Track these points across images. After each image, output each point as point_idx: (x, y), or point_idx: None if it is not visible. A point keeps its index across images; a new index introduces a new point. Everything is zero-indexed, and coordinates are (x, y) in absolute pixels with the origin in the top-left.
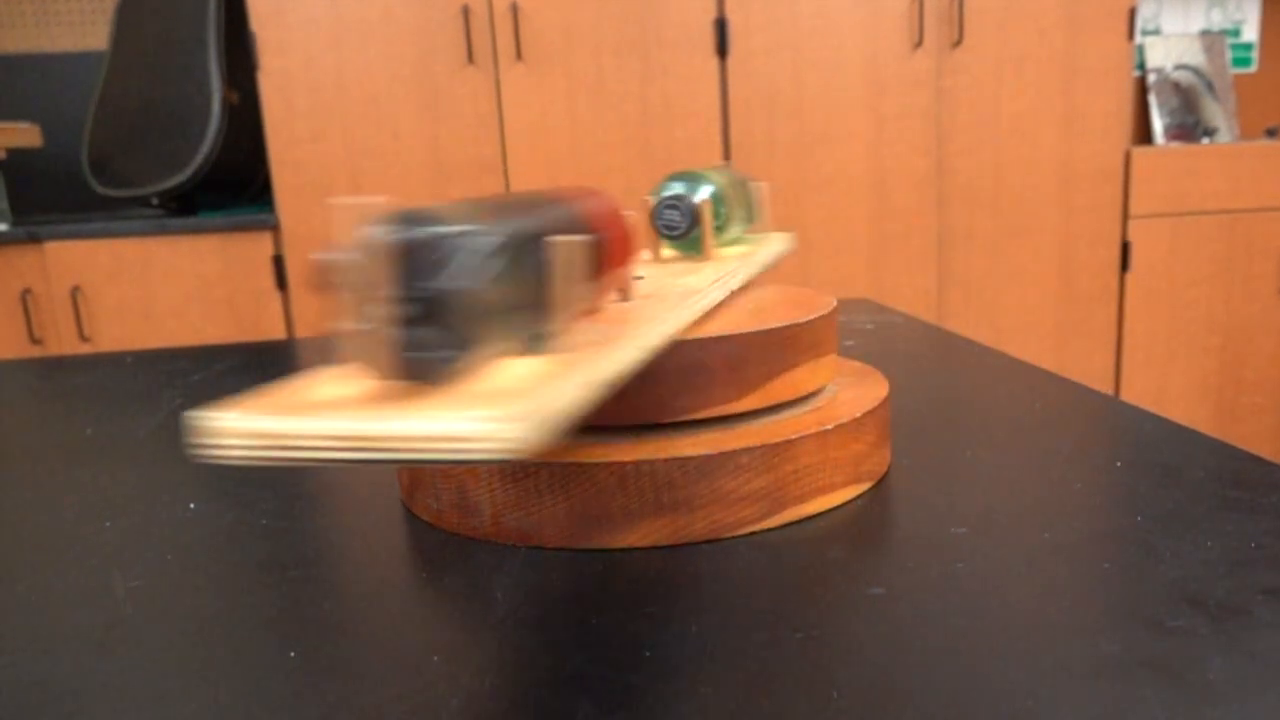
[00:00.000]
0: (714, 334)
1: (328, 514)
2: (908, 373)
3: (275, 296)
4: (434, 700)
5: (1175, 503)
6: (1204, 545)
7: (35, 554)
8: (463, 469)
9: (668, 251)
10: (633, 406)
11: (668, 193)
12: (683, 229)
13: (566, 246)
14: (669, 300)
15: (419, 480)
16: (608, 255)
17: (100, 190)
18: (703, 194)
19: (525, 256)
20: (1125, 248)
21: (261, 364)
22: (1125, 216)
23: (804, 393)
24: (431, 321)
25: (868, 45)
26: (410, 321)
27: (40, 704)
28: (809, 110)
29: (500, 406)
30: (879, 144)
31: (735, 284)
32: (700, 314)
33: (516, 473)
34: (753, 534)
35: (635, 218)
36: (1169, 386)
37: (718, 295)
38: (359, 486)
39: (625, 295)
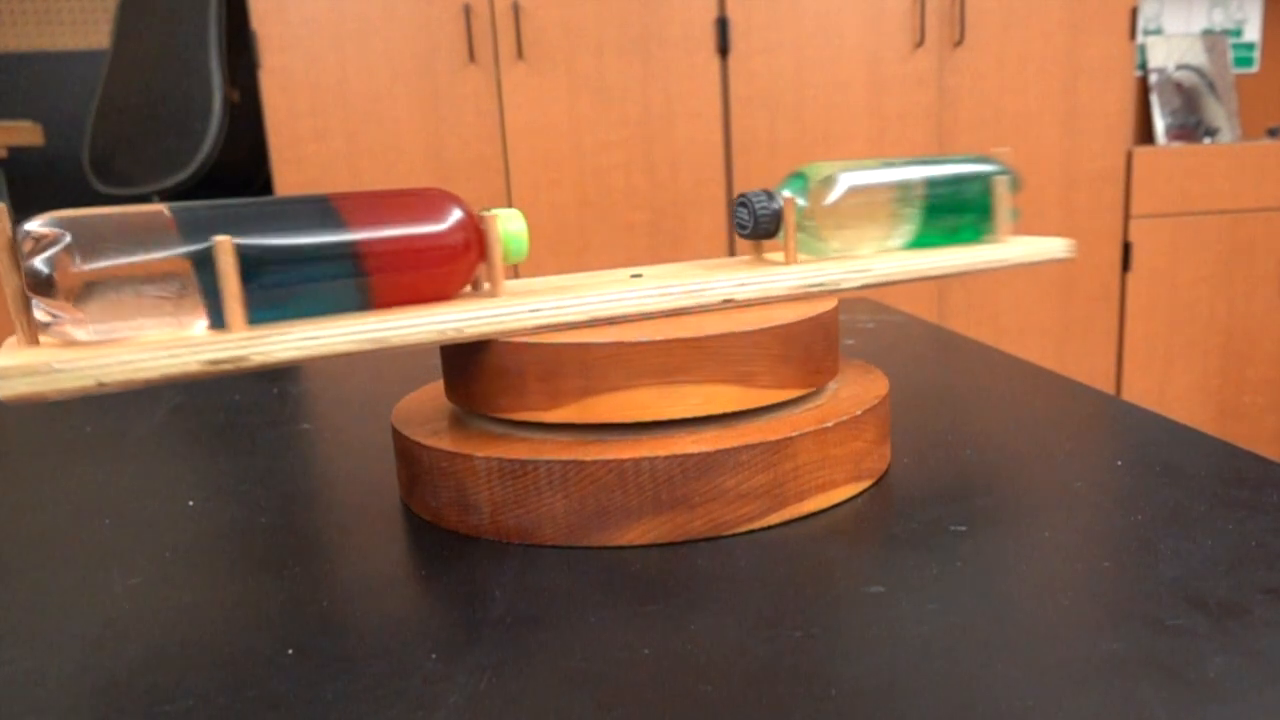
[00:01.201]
0: (529, 340)
1: (326, 512)
2: (908, 371)
3: None
4: (432, 698)
5: (1175, 502)
6: (1204, 544)
7: (34, 551)
8: (461, 468)
9: (792, 253)
10: (469, 395)
11: (788, 187)
12: (750, 227)
13: (219, 246)
14: (503, 300)
15: (417, 478)
16: (390, 261)
17: (101, 189)
18: (837, 190)
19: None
20: (1127, 248)
21: None
22: (1127, 216)
23: (646, 418)
24: (38, 295)
25: (869, 44)
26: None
27: (38, 701)
28: (810, 110)
29: (23, 359)
30: (881, 143)
31: (724, 294)
32: (518, 317)
33: (515, 470)
34: (752, 531)
35: (486, 223)
36: (1170, 386)
37: (619, 303)
38: (358, 484)
39: (493, 291)
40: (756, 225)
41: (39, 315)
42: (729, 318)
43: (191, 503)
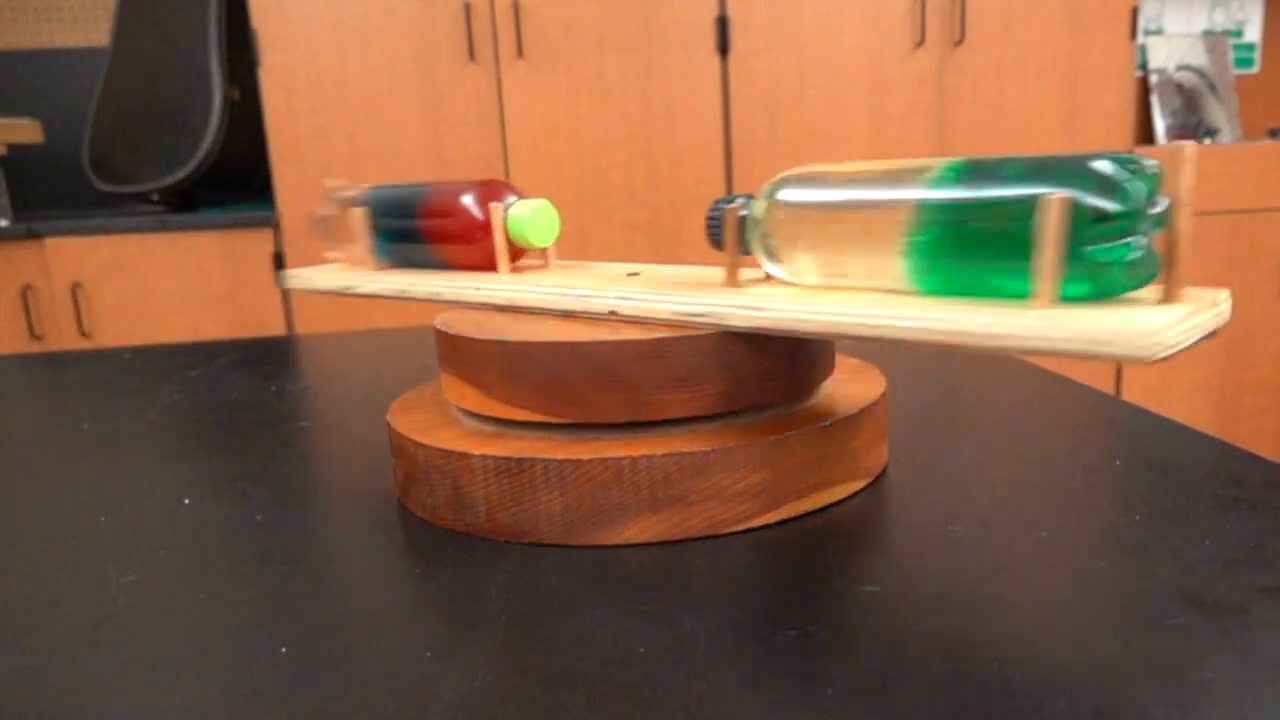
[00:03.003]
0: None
1: (322, 510)
2: (906, 370)
3: (275, 293)
4: (427, 696)
5: (1174, 502)
6: (1203, 544)
7: (30, 548)
8: (457, 466)
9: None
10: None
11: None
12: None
13: (353, 214)
14: (460, 276)
15: (413, 476)
16: (446, 231)
17: (101, 186)
18: (771, 200)
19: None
20: None
21: (261, 360)
22: None
23: (448, 399)
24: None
25: (869, 44)
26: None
27: (34, 699)
28: (811, 109)
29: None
30: (881, 143)
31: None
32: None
33: (512, 468)
34: (749, 530)
35: (497, 212)
36: (1170, 387)
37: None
38: (355, 482)
39: (545, 264)
40: (708, 233)
41: (326, 248)
42: (568, 326)
43: (187, 500)
